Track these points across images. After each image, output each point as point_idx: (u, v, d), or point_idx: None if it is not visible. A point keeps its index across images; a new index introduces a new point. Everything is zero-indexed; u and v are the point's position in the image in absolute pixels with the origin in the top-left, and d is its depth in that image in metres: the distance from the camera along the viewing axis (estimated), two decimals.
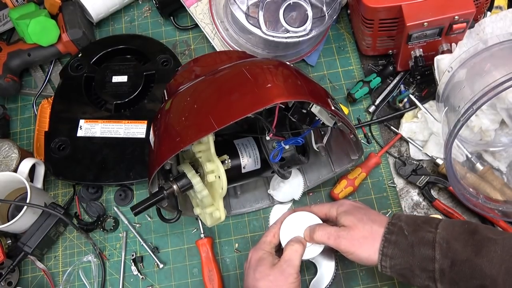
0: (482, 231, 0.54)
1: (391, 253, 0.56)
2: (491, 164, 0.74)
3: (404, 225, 0.56)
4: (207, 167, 0.58)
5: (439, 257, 0.53)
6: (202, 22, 0.87)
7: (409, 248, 0.55)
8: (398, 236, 0.56)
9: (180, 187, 0.60)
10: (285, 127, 0.67)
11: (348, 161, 0.71)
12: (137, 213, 0.59)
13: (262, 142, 0.66)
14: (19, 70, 0.88)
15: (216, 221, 0.62)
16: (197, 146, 0.60)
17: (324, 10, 0.75)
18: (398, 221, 0.57)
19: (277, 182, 0.76)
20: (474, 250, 0.52)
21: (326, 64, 0.87)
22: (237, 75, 0.57)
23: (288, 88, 0.55)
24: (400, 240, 0.55)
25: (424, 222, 0.56)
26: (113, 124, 0.79)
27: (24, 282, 0.76)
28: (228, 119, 0.52)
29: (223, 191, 0.58)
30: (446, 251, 0.53)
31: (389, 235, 0.56)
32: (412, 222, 0.57)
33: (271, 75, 0.56)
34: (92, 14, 0.90)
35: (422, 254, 0.54)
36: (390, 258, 0.56)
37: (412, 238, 0.55)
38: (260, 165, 0.67)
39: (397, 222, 0.57)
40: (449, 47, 0.74)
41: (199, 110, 0.55)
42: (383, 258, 0.56)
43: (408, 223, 0.57)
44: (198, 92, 0.59)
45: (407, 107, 0.81)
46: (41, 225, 0.73)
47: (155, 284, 0.75)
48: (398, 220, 0.58)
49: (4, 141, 0.78)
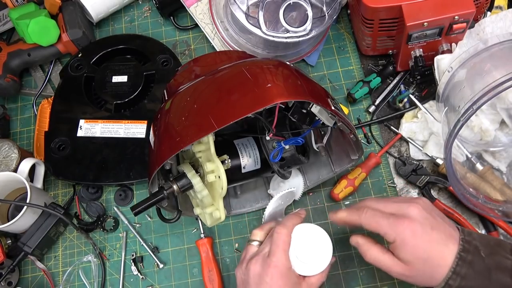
0: None
1: (464, 273, 0.51)
2: (491, 164, 0.74)
3: (479, 245, 0.52)
4: (207, 167, 0.58)
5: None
6: (202, 22, 0.87)
7: (485, 272, 0.51)
8: (474, 256, 0.51)
9: (180, 187, 0.60)
10: (285, 127, 0.67)
11: (348, 161, 0.71)
12: (137, 213, 0.59)
13: (262, 142, 0.66)
14: (19, 70, 0.88)
15: (216, 221, 0.62)
16: (197, 146, 0.60)
17: (324, 10, 0.75)
18: (472, 239, 0.53)
19: (277, 182, 0.76)
20: None
21: (326, 64, 0.87)
22: (237, 75, 0.57)
23: (288, 88, 0.55)
24: (476, 261, 0.51)
25: (497, 244, 0.53)
26: (113, 124, 0.79)
27: (24, 282, 0.76)
28: (228, 119, 0.52)
29: (223, 191, 0.58)
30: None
31: (464, 253, 0.52)
32: (486, 243, 0.53)
33: (271, 75, 0.56)
34: (92, 14, 0.90)
35: (499, 281, 0.50)
36: (461, 278, 0.51)
37: (490, 261, 0.51)
38: (260, 165, 0.67)
39: (471, 240, 0.53)
40: (449, 47, 0.74)
41: (199, 110, 0.55)
42: (453, 276, 0.51)
43: (482, 243, 0.53)
44: (198, 92, 0.59)
45: (407, 107, 0.81)
46: (41, 225, 0.73)
47: (155, 284, 0.75)
48: (471, 238, 0.53)
49: (4, 141, 0.78)
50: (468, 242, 0.52)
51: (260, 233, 0.60)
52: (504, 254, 0.52)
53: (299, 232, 0.58)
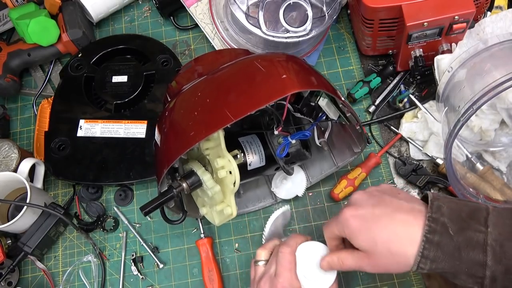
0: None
1: (433, 256, 0.47)
2: (491, 164, 0.74)
3: (447, 222, 0.47)
4: (218, 163, 0.57)
5: (492, 263, 0.45)
6: (202, 22, 0.87)
7: (455, 252, 0.47)
8: (442, 236, 0.47)
9: (189, 185, 0.60)
10: (290, 123, 0.68)
11: (350, 154, 0.72)
12: (147, 213, 0.58)
13: (267, 138, 0.66)
14: (19, 70, 0.88)
15: (226, 218, 0.61)
16: (206, 143, 0.60)
17: (324, 10, 0.75)
18: (440, 215, 0.48)
19: (279, 180, 0.76)
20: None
21: (326, 64, 0.87)
22: (249, 68, 0.57)
23: (302, 78, 0.55)
24: (444, 242, 0.47)
25: (470, 215, 0.48)
26: (113, 124, 0.79)
27: (24, 282, 0.76)
28: (245, 110, 0.51)
29: (235, 187, 0.58)
30: (500, 256, 0.45)
31: (430, 234, 0.48)
32: (456, 216, 0.48)
33: (282, 67, 0.56)
34: (92, 14, 0.90)
35: (471, 259, 0.46)
36: (431, 261, 0.48)
37: (459, 239, 0.47)
38: (265, 162, 0.67)
39: (439, 217, 0.48)
40: (449, 47, 0.74)
41: (213, 104, 0.55)
42: (422, 260, 0.48)
43: (452, 218, 0.48)
44: (209, 87, 0.58)
45: (407, 107, 0.81)
46: (41, 225, 0.73)
47: (155, 284, 0.75)
48: (440, 215, 0.48)
49: (4, 141, 0.78)
50: (435, 220, 0.48)
51: (263, 252, 0.60)
52: (476, 227, 0.47)
53: (304, 251, 0.58)
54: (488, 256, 0.45)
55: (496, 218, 0.47)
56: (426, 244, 0.47)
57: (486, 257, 0.45)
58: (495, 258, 0.45)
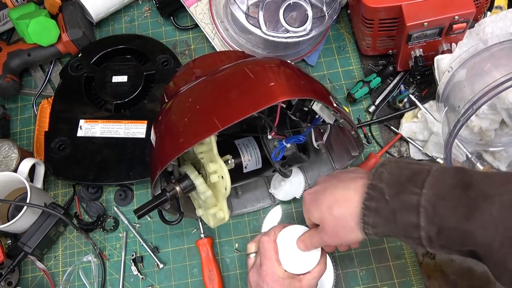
0: (478, 184, 0.45)
1: (372, 222, 0.49)
2: (491, 164, 0.74)
3: (385, 187, 0.48)
4: (210, 167, 0.58)
5: (424, 224, 0.46)
6: (202, 22, 0.87)
7: (391, 216, 0.48)
8: (379, 202, 0.49)
9: (183, 189, 0.60)
10: (286, 126, 0.67)
11: (348, 157, 0.71)
12: (141, 216, 0.58)
13: (263, 141, 0.66)
14: (19, 70, 0.88)
15: (220, 221, 0.61)
16: (199, 147, 0.60)
17: (324, 10, 0.75)
18: (379, 181, 0.49)
19: (278, 181, 0.76)
20: (465, 213, 0.44)
21: (326, 64, 0.87)
22: (239, 74, 0.57)
23: (291, 86, 0.55)
24: (380, 207, 0.48)
25: (409, 179, 0.48)
26: (113, 124, 0.79)
27: (24, 282, 0.76)
28: (232, 118, 0.51)
29: (226, 191, 0.58)
30: (432, 216, 0.45)
31: (368, 201, 0.49)
32: (395, 181, 0.48)
33: (273, 73, 0.56)
34: (92, 14, 0.90)
35: (405, 222, 0.47)
36: (372, 227, 0.50)
37: (394, 203, 0.47)
38: (261, 164, 0.67)
39: (378, 183, 0.49)
40: (449, 47, 0.74)
41: (202, 111, 0.55)
42: (365, 226, 0.50)
43: (390, 184, 0.48)
44: (200, 92, 0.59)
45: (407, 107, 0.81)
46: (41, 225, 0.73)
47: (155, 284, 0.75)
48: (379, 181, 0.49)
49: (4, 141, 0.78)
50: (373, 187, 0.49)
51: (253, 245, 0.63)
52: (412, 189, 0.47)
53: (285, 236, 0.60)
54: (421, 217, 0.45)
55: (435, 179, 0.47)
56: (365, 211, 0.49)
57: (419, 218, 0.46)
58: (427, 219, 0.45)
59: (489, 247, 0.42)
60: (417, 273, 0.72)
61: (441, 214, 0.45)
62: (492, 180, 0.45)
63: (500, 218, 0.42)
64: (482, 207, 0.43)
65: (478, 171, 0.47)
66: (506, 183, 0.43)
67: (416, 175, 0.48)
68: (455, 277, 0.71)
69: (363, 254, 0.73)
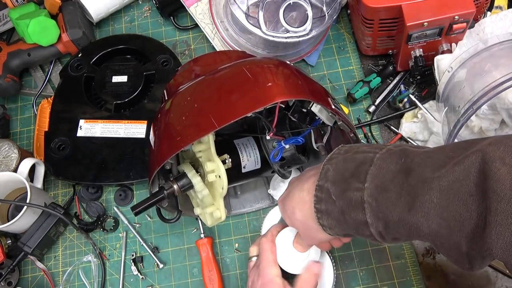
0: (418, 168, 0.41)
1: (327, 224, 0.48)
2: None
3: (331, 187, 0.46)
4: (208, 166, 0.58)
5: (371, 220, 0.43)
6: (202, 22, 0.87)
7: (340, 217, 0.46)
8: (327, 203, 0.47)
9: (180, 187, 0.60)
10: (285, 127, 0.67)
11: None
12: (138, 213, 0.59)
13: (262, 142, 0.66)
14: (19, 70, 0.88)
15: (216, 220, 0.62)
16: (197, 145, 0.60)
17: (324, 10, 0.75)
18: (325, 181, 0.47)
19: (277, 182, 0.76)
20: (407, 202, 0.40)
21: (326, 64, 0.87)
22: (237, 74, 0.57)
23: (289, 87, 0.55)
24: (329, 209, 0.47)
25: (353, 173, 0.45)
26: (113, 124, 0.79)
27: (24, 282, 0.76)
28: (229, 118, 0.51)
29: (223, 191, 0.58)
30: (377, 211, 0.43)
31: (318, 204, 0.48)
32: (339, 178, 0.46)
33: (271, 74, 0.56)
34: (92, 14, 0.90)
35: (354, 220, 0.45)
36: (329, 228, 0.48)
37: (341, 203, 0.45)
38: (260, 164, 0.67)
39: (324, 183, 0.47)
40: (449, 47, 0.74)
41: (200, 110, 0.55)
42: (324, 228, 0.49)
43: (335, 182, 0.46)
44: (199, 91, 0.59)
45: (407, 107, 0.81)
46: (41, 225, 0.73)
47: (155, 284, 0.75)
48: (325, 180, 0.47)
49: (4, 141, 0.78)
50: (320, 188, 0.47)
51: (254, 248, 0.64)
52: (356, 185, 0.44)
53: (284, 236, 0.61)
54: (367, 214, 0.43)
55: (377, 168, 0.44)
56: (317, 214, 0.48)
57: (365, 215, 0.44)
58: (373, 214, 0.43)
59: (437, 236, 0.40)
60: (417, 273, 0.72)
61: (384, 208, 0.42)
62: (432, 162, 0.41)
63: (441, 204, 0.39)
64: (422, 195, 0.39)
65: (421, 151, 0.43)
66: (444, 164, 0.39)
67: (359, 167, 0.45)
68: (455, 277, 0.71)
69: (363, 254, 0.73)
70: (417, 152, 0.43)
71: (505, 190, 0.34)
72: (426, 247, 0.74)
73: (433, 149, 0.43)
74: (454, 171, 0.38)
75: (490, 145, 0.37)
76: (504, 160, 0.36)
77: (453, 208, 0.38)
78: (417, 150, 0.43)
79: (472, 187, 0.37)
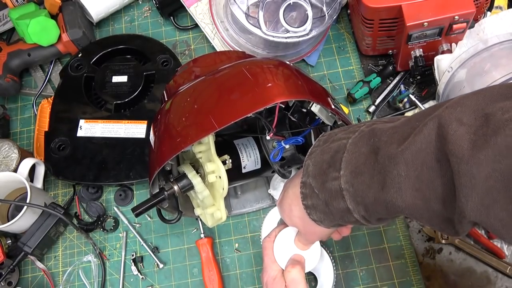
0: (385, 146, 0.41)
1: (317, 218, 0.49)
2: None
3: (312, 181, 0.47)
4: (208, 167, 0.58)
5: (353, 206, 0.44)
6: (202, 22, 0.87)
7: (326, 209, 0.47)
8: (312, 198, 0.48)
9: (181, 188, 0.60)
10: (285, 127, 0.67)
11: None
12: (138, 214, 0.59)
13: (262, 142, 0.66)
14: (19, 70, 0.88)
15: (217, 221, 0.62)
16: (198, 146, 0.60)
17: (324, 10, 0.75)
18: (307, 177, 0.48)
19: (277, 182, 0.76)
20: (379, 182, 0.41)
21: (326, 64, 0.87)
22: (237, 75, 0.57)
23: (289, 87, 0.55)
24: (315, 203, 0.48)
25: (329, 163, 0.46)
26: (113, 124, 0.79)
27: (24, 282, 0.76)
28: (229, 119, 0.51)
29: (224, 191, 0.58)
30: (355, 196, 0.44)
31: (305, 201, 0.49)
32: (318, 172, 0.47)
33: (271, 74, 0.56)
34: (92, 14, 0.90)
35: (338, 210, 0.45)
36: (321, 222, 0.49)
37: (323, 195, 0.46)
38: (260, 165, 0.67)
39: (307, 179, 0.48)
40: (449, 47, 0.74)
41: (200, 110, 0.55)
42: (317, 223, 0.50)
43: (315, 176, 0.47)
44: (198, 92, 0.59)
45: (407, 107, 0.81)
46: (41, 225, 0.73)
47: (155, 284, 0.75)
48: (307, 176, 0.48)
49: (4, 141, 0.78)
50: (304, 184, 0.48)
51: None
52: (333, 174, 0.45)
53: (282, 236, 0.61)
54: (347, 200, 0.44)
55: (350, 154, 0.44)
56: (307, 210, 0.49)
57: (346, 202, 0.44)
58: (352, 200, 0.44)
59: (414, 208, 0.40)
60: (417, 273, 0.72)
61: (361, 191, 0.43)
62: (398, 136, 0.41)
63: (410, 176, 0.39)
64: (390, 171, 0.40)
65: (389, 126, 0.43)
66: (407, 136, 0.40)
67: (334, 156, 0.46)
68: (455, 277, 0.71)
69: (363, 254, 0.73)
70: (384, 129, 0.43)
71: (463, 151, 0.34)
72: (426, 247, 0.74)
73: (400, 122, 0.43)
74: (415, 141, 0.38)
75: (447, 108, 0.37)
76: (461, 121, 0.35)
77: (424, 177, 0.38)
78: (384, 127, 0.43)
79: (437, 153, 0.37)
